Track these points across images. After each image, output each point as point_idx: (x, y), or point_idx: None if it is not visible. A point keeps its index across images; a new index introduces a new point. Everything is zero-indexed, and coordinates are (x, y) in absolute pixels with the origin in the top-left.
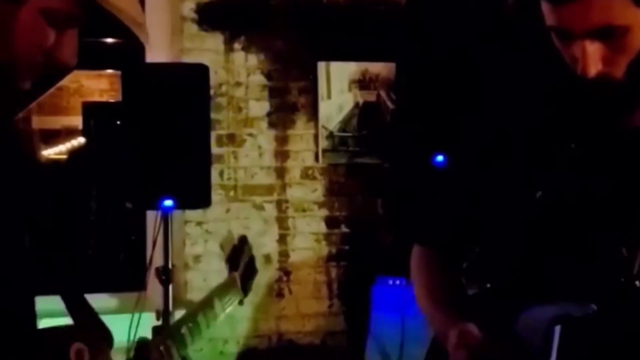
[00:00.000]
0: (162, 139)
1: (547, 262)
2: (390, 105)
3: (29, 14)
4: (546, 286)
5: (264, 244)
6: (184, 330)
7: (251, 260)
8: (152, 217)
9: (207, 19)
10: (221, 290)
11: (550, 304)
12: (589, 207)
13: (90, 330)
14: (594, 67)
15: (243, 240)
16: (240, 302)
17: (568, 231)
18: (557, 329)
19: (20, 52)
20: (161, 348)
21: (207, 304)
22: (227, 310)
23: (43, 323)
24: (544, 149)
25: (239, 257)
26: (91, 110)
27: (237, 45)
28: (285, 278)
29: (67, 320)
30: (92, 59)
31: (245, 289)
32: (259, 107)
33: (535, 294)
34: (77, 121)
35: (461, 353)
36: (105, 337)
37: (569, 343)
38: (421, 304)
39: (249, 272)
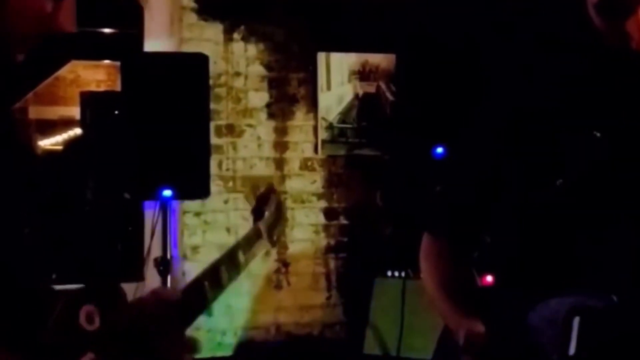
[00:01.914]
0: (161, 129)
1: (565, 252)
2: (390, 96)
3: None
4: (563, 276)
5: None
6: (205, 286)
7: (278, 207)
8: (150, 208)
9: (206, 8)
10: (245, 243)
11: (569, 295)
12: (610, 197)
13: (101, 290)
14: None
15: (269, 188)
16: (267, 253)
17: (588, 221)
18: (577, 319)
19: (16, 22)
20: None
21: (229, 257)
22: (250, 263)
23: None
24: (565, 138)
25: (264, 206)
26: (89, 99)
27: (236, 35)
28: (283, 269)
29: None
30: (90, 50)
31: (272, 239)
32: (258, 98)
33: (551, 284)
34: (73, 111)
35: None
36: (116, 296)
37: (589, 334)
38: (432, 297)
39: (275, 221)
